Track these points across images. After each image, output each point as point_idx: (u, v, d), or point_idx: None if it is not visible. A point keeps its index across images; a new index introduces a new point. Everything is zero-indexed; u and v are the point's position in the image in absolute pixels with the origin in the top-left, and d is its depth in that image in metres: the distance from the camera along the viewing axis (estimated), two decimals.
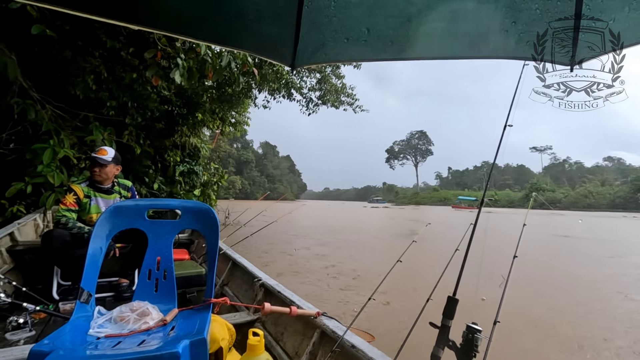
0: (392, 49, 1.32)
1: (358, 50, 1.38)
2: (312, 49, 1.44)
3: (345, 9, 1.26)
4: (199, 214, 1.66)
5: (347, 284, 5.82)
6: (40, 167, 4.19)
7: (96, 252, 1.46)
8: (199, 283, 2.73)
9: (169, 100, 8.09)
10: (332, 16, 1.29)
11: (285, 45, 1.42)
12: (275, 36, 1.40)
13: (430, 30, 1.26)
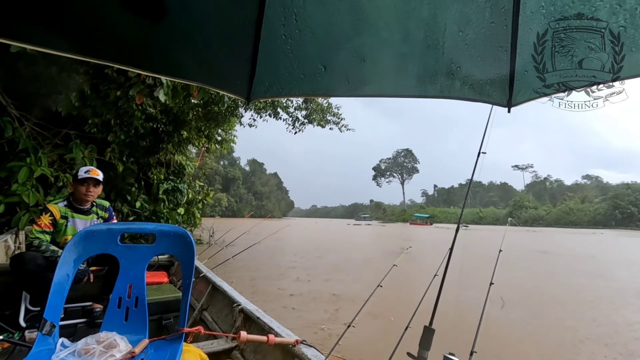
0: (347, 86, 1.36)
1: (314, 86, 1.41)
2: (268, 83, 1.45)
3: (301, 45, 1.29)
4: (175, 238, 1.61)
5: (328, 308, 5.70)
6: (15, 185, 4.05)
7: (62, 280, 1.39)
8: (177, 308, 2.62)
9: (155, 117, 8.03)
10: (288, 52, 1.31)
11: (240, 78, 1.42)
12: (229, 70, 1.41)
13: (382, 70, 1.32)
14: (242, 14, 1.22)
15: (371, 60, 1.29)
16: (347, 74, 1.34)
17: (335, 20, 1.23)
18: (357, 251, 14.93)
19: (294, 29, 1.25)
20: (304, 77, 1.37)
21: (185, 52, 1.27)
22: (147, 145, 8.53)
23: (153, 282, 3.23)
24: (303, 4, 1.19)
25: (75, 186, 2.80)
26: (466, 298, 4.00)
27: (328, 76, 1.35)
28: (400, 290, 6.55)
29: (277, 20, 1.24)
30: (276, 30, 1.26)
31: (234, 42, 1.30)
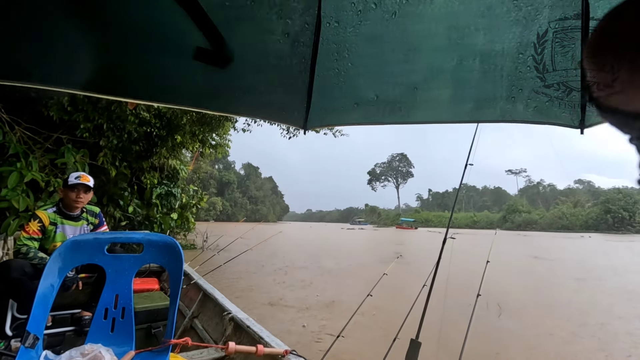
0: (400, 113, 1.39)
1: (367, 114, 1.45)
2: (322, 113, 1.50)
3: (354, 76, 1.34)
4: (163, 247, 1.60)
5: (319, 316, 5.66)
6: (5, 191, 4.00)
7: (47, 291, 1.37)
8: (166, 316, 2.59)
9: (148, 121, 7.99)
10: (341, 84, 1.36)
11: (297, 110, 1.48)
12: (287, 104, 1.48)
13: (435, 96, 1.33)
14: (299, 53, 1.29)
15: (424, 87, 1.31)
16: (399, 102, 1.37)
17: (387, 52, 1.27)
18: (347, 258, 14.88)
19: (347, 62, 1.31)
20: (357, 106, 1.42)
21: (249, 92, 1.39)
22: (140, 149, 8.48)
23: (143, 289, 3.20)
24: (355, 40, 1.25)
25: (65, 192, 2.76)
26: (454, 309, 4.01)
27: (381, 104, 1.38)
28: (389, 299, 6.54)
29: (331, 56, 1.30)
30: (329, 65, 1.33)
31: (291, 78, 1.37)
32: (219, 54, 1.09)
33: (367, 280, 8.04)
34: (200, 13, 0.98)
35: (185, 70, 1.24)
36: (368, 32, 1.22)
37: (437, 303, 1.35)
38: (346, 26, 1.23)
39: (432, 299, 1.40)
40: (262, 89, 1.40)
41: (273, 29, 1.21)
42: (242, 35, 1.21)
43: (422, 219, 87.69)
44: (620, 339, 5.00)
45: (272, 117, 1.60)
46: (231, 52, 1.13)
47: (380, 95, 1.37)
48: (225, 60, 1.13)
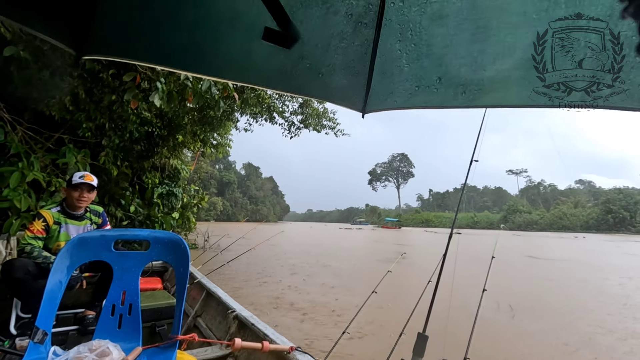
0: (464, 97, 1.32)
1: (428, 98, 1.38)
2: (382, 97, 1.47)
3: (416, 59, 1.30)
4: (169, 244, 1.60)
5: (323, 314, 5.67)
6: (7, 191, 4.00)
7: (55, 287, 1.38)
8: (171, 315, 2.60)
9: (149, 121, 7.99)
10: (403, 66, 1.33)
11: (357, 92, 1.47)
12: (347, 86, 1.47)
13: (506, 78, 1.24)
14: (361, 35, 1.29)
15: (492, 68, 1.23)
16: (464, 85, 1.30)
17: (453, 32, 1.22)
18: (347, 257, 14.91)
19: (410, 44, 1.28)
20: (418, 89, 1.37)
21: (311, 72, 1.41)
22: (141, 149, 8.49)
23: (147, 288, 3.21)
24: (420, 20, 1.22)
25: (68, 191, 2.77)
26: (460, 304, 4.01)
27: (443, 88, 1.33)
28: (394, 295, 6.55)
29: (393, 37, 1.28)
30: (392, 46, 1.31)
31: (353, 60, 1.37)
32: (286, 34, 1.12)
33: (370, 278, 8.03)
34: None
35: (254, 49, 1.31)
36: (434, 10, 1.19)
37: (442, 298, 1.36)
38: (411, 5, 1.20)
39: (437, 294, 1.40)
40: (324, 70, 1.41)
41: (337, 9, 1.23)
42: (308, 17, 1.24)
43: (423, 219, 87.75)
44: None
45: (332, 99, 1.58)
46: (297, 33, 1.15)
47: (444, 77, 1.31)
48: (291, 41, 1.15)
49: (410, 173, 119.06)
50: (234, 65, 1.40)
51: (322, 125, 11.86)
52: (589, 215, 63.31)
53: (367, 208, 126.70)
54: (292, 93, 1.60)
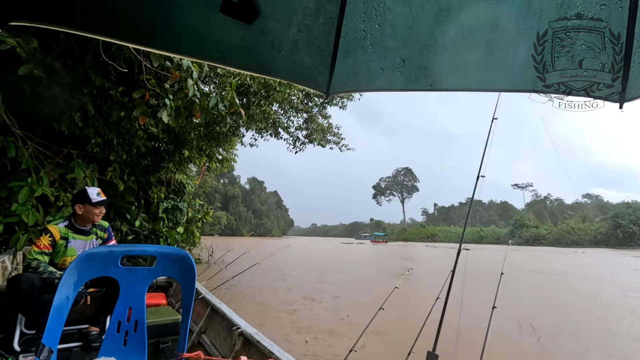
0: (426, 80, 1.32)
1: (391, 80, 1.38)
2: (346, 78, 1.46)
3: (380, 39, 1.29)
4: (176, 260, 1.60)
5: (329, 331, 5.57)
6: (15, 205, 4.04)
7: (62, 304, 1.37)
8: (175, 331, 2.58)
9: (156, 136, 8.10)
10: (367, 47, 1.32)
11: (320, 73, 1.45)
12: (311, 65, 1.44)
13: (465, 61, 1.25)
14: (325, 12, 1.26)
15: (453, 51, 1.23)
16: (427, 67, 1.29)
17: (417, 13, 1.21)
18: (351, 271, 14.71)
19: (374, 24, 1.26)
20: (382, 72, 1.36)
21: (273, 50, 1.34)
22: (148, 164, 8.57)
23: (151, 304, 3.18)
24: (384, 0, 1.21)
25: (87, 208, 2.80)
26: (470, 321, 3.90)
27: (407, 70, 1.32)
28: (402, 312, 6.42)
29: (358, 16, 1.26)
30: (356, 26, 1.29)
31: (317, 39, 1.34)
32: (246, 7, 1.07)
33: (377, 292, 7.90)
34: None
35: (212, 23, 1.22)
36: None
37: (452, 314, 1.33)
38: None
39: (446, 310, 1.38)
40: (287, 48, 1.36)
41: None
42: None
43: (428, 234, 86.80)
44: None
45: (295, 79, 1.54)
46: (258, 7, 1.11)
47: (407, 59, 1.30)
48: (252, 15, 1.11)
49: (415, 187, 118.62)
50: (188, 38, 1.27)
51: (327, 140, 11.93)
52: (598, 230, 62.21)
53: (371, 222, 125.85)
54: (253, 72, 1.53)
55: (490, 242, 72.02)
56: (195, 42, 1.29)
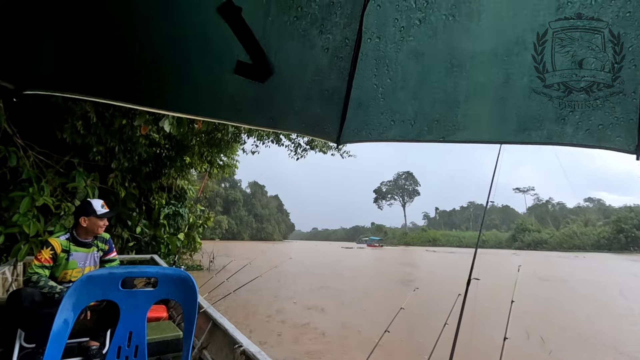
0: (438, 132, 1.32)
1: (403, 131, 1.39)
2: (357, 128, 1.47)
3: (392, 93, 1.31)
4: (178, 282, 1.57)
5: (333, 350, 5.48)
6: (16, 216, 4.02)
7: (61, 329, 1.34)
8: (176, 348, 2.54)
9: (158, 143, 8.11)
10: (379, 99, 1.34)
11: (331, 124, 1.46)
12: (322, 117, 1.46)
13: (478, 115, 1.27)
14: (337, 68, 1.29)
15: (465, 105, 1.25)
16: (439, 120, 1.31)
17: (429, 68, 1.24)
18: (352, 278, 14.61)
19: (386, 78, 1.29)
20: (394, 124, 1.37)
21: (286, 106, 1.38)
22: (149, 170, 8.56)
23: (152, 317, 3.15)
24: (396, 56, 1.23)
25: (92, 221, 2.78)
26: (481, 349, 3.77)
27: (419, 122, 1.33)
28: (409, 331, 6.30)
29: (369, 71, 1.29)
30: (368, 80, 1.31)
31: (328, 93, 1.36)
32: (260, 68, 1.10)
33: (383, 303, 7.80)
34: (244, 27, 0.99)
35: (225, 83, 1.24)
36: (410, 48, 1.21)
37: (461, 344, 1.29)
38: (387, 42, 1.22)
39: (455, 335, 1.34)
40: (299, 103, 1.39)
41: (313, 43, 1.22)
42: (283, 50, 1.21)
43: (430, 238, 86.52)
44: None
45: (307, 132, 1.56)
46: (271, 66, 1.14)
47: (419, 112, 1.33)
48: (265, 75, 1.13)
49: (416, 191, 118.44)
50: (201, 100, 1.30)
51: (328, 147, 11.92)
52: (600, 235, 61.84)
53: (372, 226, 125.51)
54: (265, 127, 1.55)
55: (492, 246, 71.74)
56: (209, 103, 1.32)
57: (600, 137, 1.11)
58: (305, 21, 1.16)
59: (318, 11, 1.18)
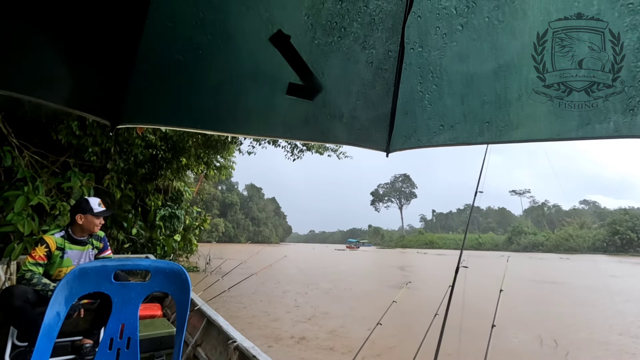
0: (490, 133, 1.30)
1: (453, 135, 1.38)
2: (405, 136, 1.49)
3: (438, 98, 1.32)
4: (171, 275, 1.58)
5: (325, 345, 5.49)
6: (11, 215, 4.01)
7: (52, 322, 1.35)
8: (170, 345, 2.54)
9: (154, 144, 8.10)
10: (425, 106, 1.35)
11: (379, 134, 1.50)
12: (369, 127, 1.50)
13: (532, 112, 1.20)
14: (382, 79, 1.33)
15: (518, 104, 1.20)
16: (490, 121, 1.28)
17: (475, 71, 1.23)
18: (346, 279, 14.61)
19: (431, 85, 1.30)
20: (442, 128, 1.37)
21: (334, 119, 1.44)
22: (145, 172, 8.55)
23: (146, 315, 3.14)
24: (440, 62, 1.24)
25: (88, 219, 2.77)
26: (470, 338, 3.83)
27: (469, 124, 1.32)
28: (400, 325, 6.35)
29: (414, 79, 1.31)
30: (413, 88, 1.33)
31: (375, 104, 1.41)
32: (309, 87, 1.17)
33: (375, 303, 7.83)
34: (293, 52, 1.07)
35: (277, 102, 1.34)
36: (454, 53, 1.21)
37: (450, 333, 1.31)
38: (430, 50, 1.24)
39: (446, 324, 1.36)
40: (347, 116, 1.44)
41: (357, 59, 1.27)
42: (329, 67, 1.27)
43: (427, 241, 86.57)
44: None
45: (356, 143, 1.58)
46: (319, 85, 1.20)
47: (468, 114, 1.31)
48: (314, 93, 1.21)
49: (413, 194, 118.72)
50: (257, 120, 1.45)
51: (325, 148, 11.96)
52: (596, 237, 62.14)
53: (369, 229, 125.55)
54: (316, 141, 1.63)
55: (489, 248, 71.87)
56: (263, 122, 1.46)
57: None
58: (349, 40, 1.22)
59: (360, 29, 1.23)
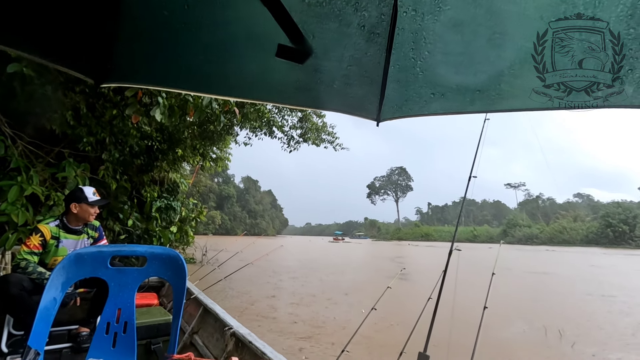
0: (481, 102, 1.29)
1: (444, 104, 1.37)
2: (397, 105, 1.47)
3: (431, 66, 1.29)
4: (167, 260, 1.59)
5: (320, 331, 5.56)
6: (4, 204, 3.98)
7: (49, 305, 1.35)
8: (167, 332, 2.55)
9: (150, 135, 8.04)
10: (417, 73, 1.32)
11: (371, 102, 1.48)
12: (361, 95, 1.48)
13: (523, 83, 1.20)
14: (374, 44, 1.29)
15: (510, 73, 1.19)
16: (482, 90, 1.27)
17: (469, 38, 1.20)
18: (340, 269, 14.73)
19: (424, 51, 1.27)
20: (433, 97, 1.36)
21: (325, 85, 1.43)
22: (141, 163, 8.49)
23: (142, 304, 3.16)
24: (433, 27, 1.20)
25: (83, 207, 2.77)
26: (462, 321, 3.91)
27: (461, 94, 1.31)
28: (394, 311, 6.44)
29: (407, 45, 1.27)
30: (405, 54, 1.30)
31: (366, 70, 1.38)
32: (299, 50, 1.13)
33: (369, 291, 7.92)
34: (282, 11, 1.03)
35: (269, 66, 1.34)
36: (448, 18, 1.16)
37: (444, 314, 1.33)
38: (424, 13, 1.19)
39: (438, 310, 1.38)
40: (338, 82, 1.43)
41: (349, 22, 1.24)
42: (320, 30, 1.25)
43: (423, 233, 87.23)
44: None
45: (347, 110, 1.57)
46: (310, 48, 1.17)
47: (461, 84, 1.29)
48: (304, 56, 1.17)
49: (409, 187, 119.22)
50: (249, 84, 1.45)
51: (321, 139, 11.93)
52: (589, 230, 62.91)
53: (366, 222, 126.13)
54: (307, 107, 1.63)
55: (484, 241, 72.56)
56: (255, 86, 1.48)
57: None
58: (340, 0, 1.18)
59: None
